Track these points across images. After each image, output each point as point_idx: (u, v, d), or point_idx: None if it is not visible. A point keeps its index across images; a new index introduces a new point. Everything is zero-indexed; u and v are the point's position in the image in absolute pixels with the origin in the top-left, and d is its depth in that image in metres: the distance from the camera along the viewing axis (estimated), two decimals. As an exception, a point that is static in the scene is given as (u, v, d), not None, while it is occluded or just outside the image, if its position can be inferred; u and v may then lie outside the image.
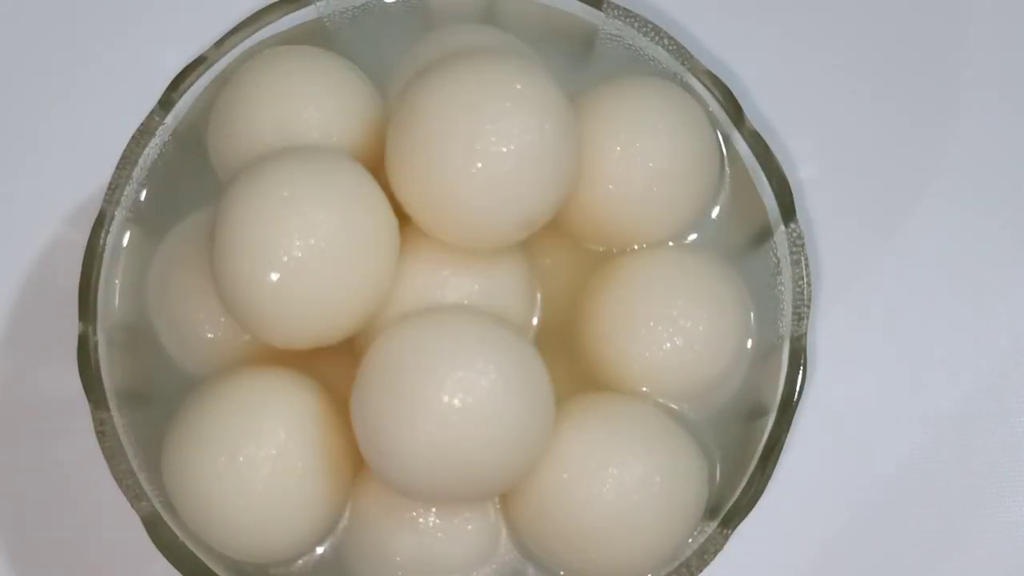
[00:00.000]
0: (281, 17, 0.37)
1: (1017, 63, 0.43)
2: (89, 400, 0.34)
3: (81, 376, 0.35)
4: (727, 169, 0.38)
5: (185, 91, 0.36)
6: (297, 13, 0.37)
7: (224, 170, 0.36)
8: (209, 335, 0.35)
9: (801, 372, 0.35)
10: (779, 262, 0.36)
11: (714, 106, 0.37)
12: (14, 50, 0.43)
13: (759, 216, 0.37)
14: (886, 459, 0.40)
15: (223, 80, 0.37)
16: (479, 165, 0.31)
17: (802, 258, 0.36)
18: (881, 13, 0.44)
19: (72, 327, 0.34)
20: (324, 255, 0.31)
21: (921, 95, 0.43)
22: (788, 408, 0.35)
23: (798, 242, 0.36)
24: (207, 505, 0.33)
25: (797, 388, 0.35)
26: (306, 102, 0.35)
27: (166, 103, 0.36)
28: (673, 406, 0.36)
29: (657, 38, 0.37)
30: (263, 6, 0.37)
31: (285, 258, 0.31)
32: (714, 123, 0.37)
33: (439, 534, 0.34)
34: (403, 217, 0.34)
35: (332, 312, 0.32)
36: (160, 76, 0.36)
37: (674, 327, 0.35)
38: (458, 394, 0.31)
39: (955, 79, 0.43)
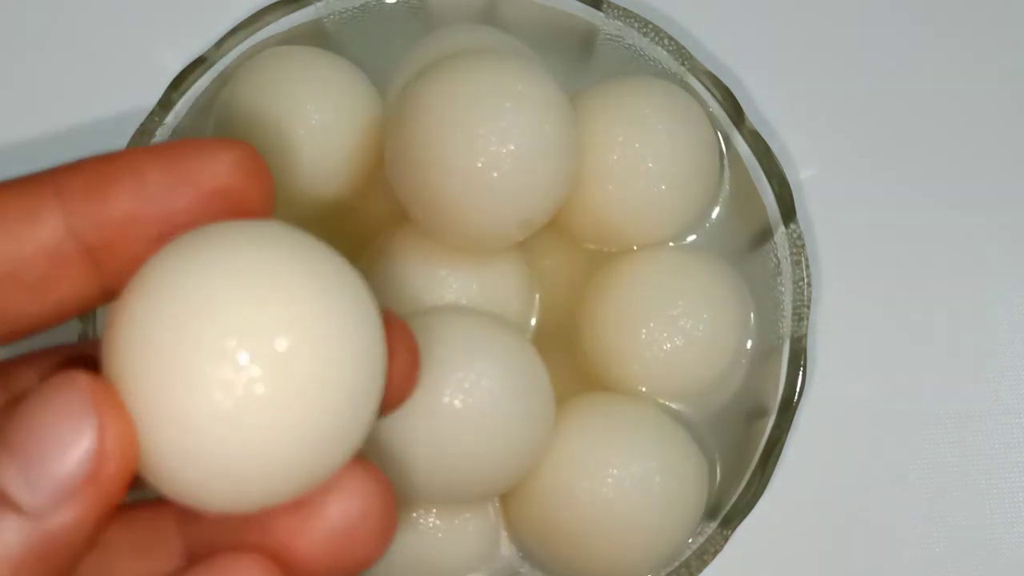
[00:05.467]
0: (281, 17, 0.37)
1: (1018, 62, 0.43)
2: (89, 400, 0.34)
3: (81, 376, 0.34)
4: (727, 169, 0.38)
5: (185, 91, 0.36)
6: (297, 13, 0.37)
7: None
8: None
9: (801, 373, 0.35)
10: (779, 263, 0.36)
11: (714, 106, 0.37)
12: (14, 50, 0.43)
13: (759, 217, 0.37)
14: (886, 460, 0.40)
15: (223, 80, 0.37)
16: (478, 165, 0.31)
17: (802, 259, 0.36)
18: (881, 13, 0.44)
19: (73, 327, 0.34)
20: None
21: (922, 95, 0.43)
22: (788, 409, 0.35)
23: (798, 243, 0.36)
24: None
25: (797, 389, 0.35)
26: (306, 102, 0.35)
27: (166, 103, 0.36)
28: (673, 406, 0.36)
29: (657, 38, 0.37)
30: (263, 6, 0.37)
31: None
32: (714, 123, 0.37)
33: (439, 534, 0.34)
34: (403, 217, 0.34)
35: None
36: (160, 76, 0.36)
37: (674, 328, 0.35)
38: (458, 394, 0.31)
39: (955, 79, 0.43)
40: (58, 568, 0.19)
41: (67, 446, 0.19)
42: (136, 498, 0.22)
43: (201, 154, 0.21)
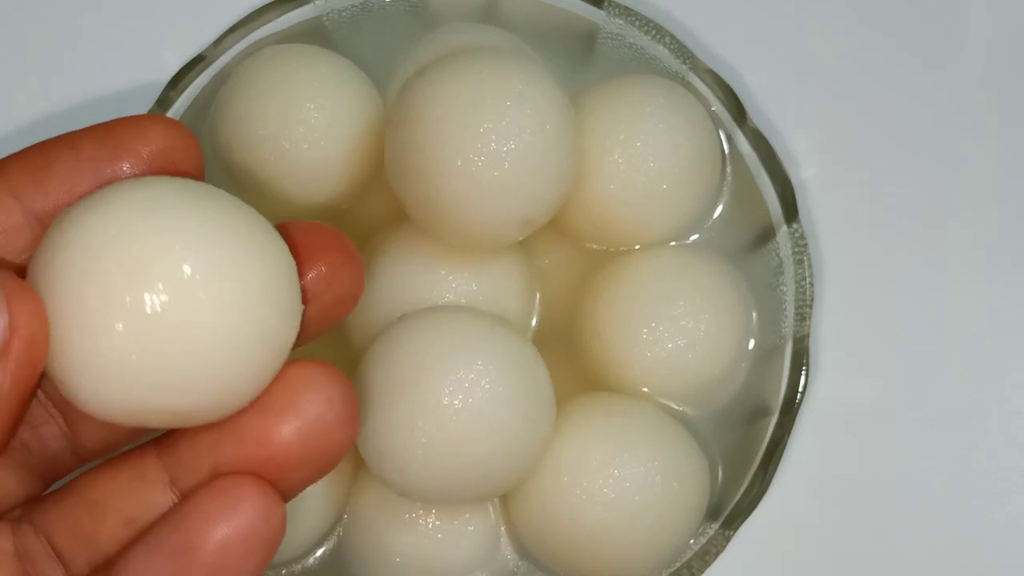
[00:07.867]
0: (280, 16, 0.37)
1: (1018, 63, 0.43)
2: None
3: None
4: (729, 169, 0.38)
5: (184, 90, 0.36)
6: (296, 12, 0.37)
7: (223, 169, 0.36)
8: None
9: (803, 373, 0.35)
10: (781, 262, 0.36)
11: (716, 105, 0.37)
12: (13, 50, 0.43)
13: (761, 216, 0.37)
14: (887, 459, 0.40)
15: (222, 79, 0.37)
16: (479, 165, 0.31)
17: (804, 258, 0.36)
18: (884, 13, 0.44)
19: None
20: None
21: (924, 95, 0.43)
22: (790, 409, 0.35)
23: (800, 242, 0.36)
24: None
25: (799, 389, 0.35)
26: (305, 101, 0.35)
27: (165, 102, 0.36)
28: (674, 406, 0.36)
29: (659, 37, 0.37)
30: (262, 4, 0.37)
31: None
32: (716, 122, 0.37)
33: (439, 535, 0.34)
34: (402, 217, 0.34)
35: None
36: (160, 75, 0.36)
37: (676, 328, 0.35)
38: (458, 394, 0.31)
39: (957, 80, 0.43)
40: None
41: None
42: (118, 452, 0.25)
43: (135, 127, 0.24)
